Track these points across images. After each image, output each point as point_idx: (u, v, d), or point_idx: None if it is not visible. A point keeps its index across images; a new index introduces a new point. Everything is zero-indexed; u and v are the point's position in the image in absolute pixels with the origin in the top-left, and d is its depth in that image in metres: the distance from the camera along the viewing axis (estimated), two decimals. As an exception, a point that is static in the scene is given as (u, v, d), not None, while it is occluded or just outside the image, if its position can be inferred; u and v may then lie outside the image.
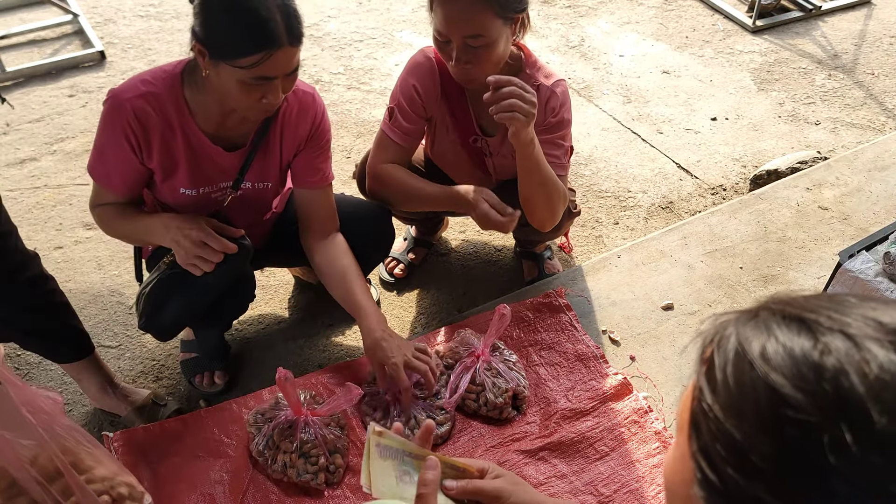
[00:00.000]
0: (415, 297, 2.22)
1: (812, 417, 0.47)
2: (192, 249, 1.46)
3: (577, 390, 1.81)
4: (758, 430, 0.49)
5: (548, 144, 1.74)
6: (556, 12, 3.77)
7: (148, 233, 1.58)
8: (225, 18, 1.36)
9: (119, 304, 2.16)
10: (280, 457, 1.57)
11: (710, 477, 0.52)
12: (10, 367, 1.96)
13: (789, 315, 0.53)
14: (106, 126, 1.53)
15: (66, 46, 3.33)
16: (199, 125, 1.55)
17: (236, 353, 2.01)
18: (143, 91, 1.50)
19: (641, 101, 3.14)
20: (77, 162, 2.68)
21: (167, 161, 1.56)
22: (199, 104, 1.53)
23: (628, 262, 2.20)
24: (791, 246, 2.27)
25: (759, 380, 0.50)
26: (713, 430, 0.52)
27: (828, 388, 0.47)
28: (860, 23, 3.74)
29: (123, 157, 1.54)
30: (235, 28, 1.35)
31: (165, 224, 1.52)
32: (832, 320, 0.51)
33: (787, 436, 0.48)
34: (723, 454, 0.51)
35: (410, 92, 1.78)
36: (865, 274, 1.68)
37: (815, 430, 0.46)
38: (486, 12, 1.54)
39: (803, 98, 3.18)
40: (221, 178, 1.63)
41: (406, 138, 1.81)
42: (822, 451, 0.46)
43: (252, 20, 1.34)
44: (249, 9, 1.34)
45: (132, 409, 1.78)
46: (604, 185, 2.68)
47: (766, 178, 2.63)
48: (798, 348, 0.50)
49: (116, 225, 1.62)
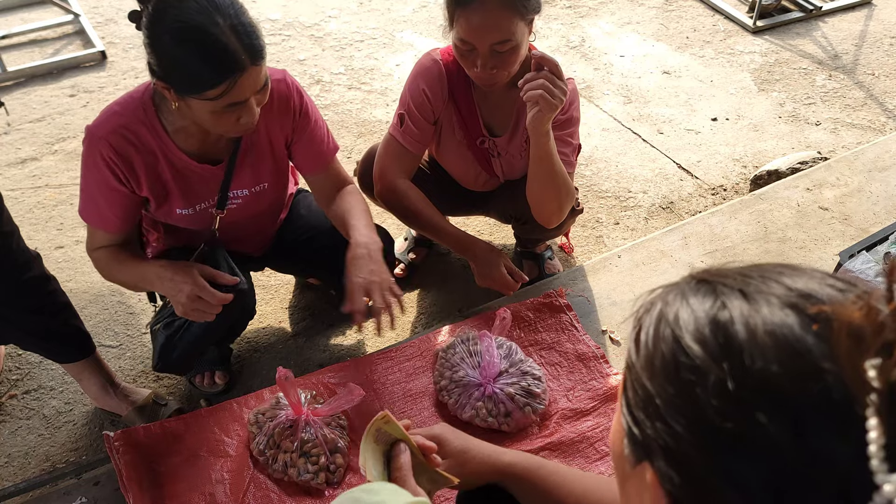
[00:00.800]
0: (415, 297, 2.22)
1: (703, 363, 0.52)
2: (188, 304, 1.47)
3: (578, 390, 1.81)
4: (663, 378, 0.55)
5: (557, 141, 1.74)
6: (556, 13, 3.77)
7: (143, 281, 1.58)
8: (180, 53, 1.30)
9: (120, 303, 2.16)
10: (281, 456, 1.57)
11: (632, 428, 0.57)
12: (11, 366, 1.97)
13: (702, 280, 0.59)
14: (89, 166, 1.51)
15: (67, 46, 3.33)
16: (180, 146, 1.52)
17: (237, 353, 2.01)
18: (115, 124, 1.46)
19: (642, 102, 3.15)
20: (78, 162, 2.67)
21: (157, 187, 1.55)
22: (175, 126, 1.50)
23: (629, 262, 2.20)
24: (791, 246, 2.27)
25: (668, 336, 0.56)
26: (634, 385, 0.58)
27: (719, 338, 0.53)
28: (861, 23, 3.74)
29: (113, 191, 1.51)
30: (192, 62, 1.30)
31: (158, 275, 1.52)
32: (736, 282, 0.56)
33: (682, 380, 0.53)
34: (640, 404, 0.57)
35: (420, 96, 1.78)
36: (866, 274, 1.68)
37: (703, 374, 0.52)
38: (513, 17, 1.54)
39: (804, 98, 3.18)
40: (216, 193, 1.62)
41: (417, 145, 1.82)
42: (708, 391, 0.51)
43: (208, 51, 1.28)
44: (203, 39, 1.28)
45: (133, 408, 1.79)
46: (604, 186, 2.68)
47: (766, 179, 2.63)
48: (701, 307, 0.56)
49: (114, 272, 1.61)
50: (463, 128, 1.85)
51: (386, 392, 1.79)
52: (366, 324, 1.58)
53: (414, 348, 1.89)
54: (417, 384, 1.81)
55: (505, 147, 1.87)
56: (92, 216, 1.56)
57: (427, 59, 1.80)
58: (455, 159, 1.94)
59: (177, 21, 1.29)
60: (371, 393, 1.78)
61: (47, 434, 1.82)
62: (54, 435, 1.82)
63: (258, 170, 1.66)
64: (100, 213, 1.55)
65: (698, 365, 0.52)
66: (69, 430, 1.83)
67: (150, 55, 1.35)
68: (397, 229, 2.41)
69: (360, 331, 1.84)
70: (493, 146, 1.87)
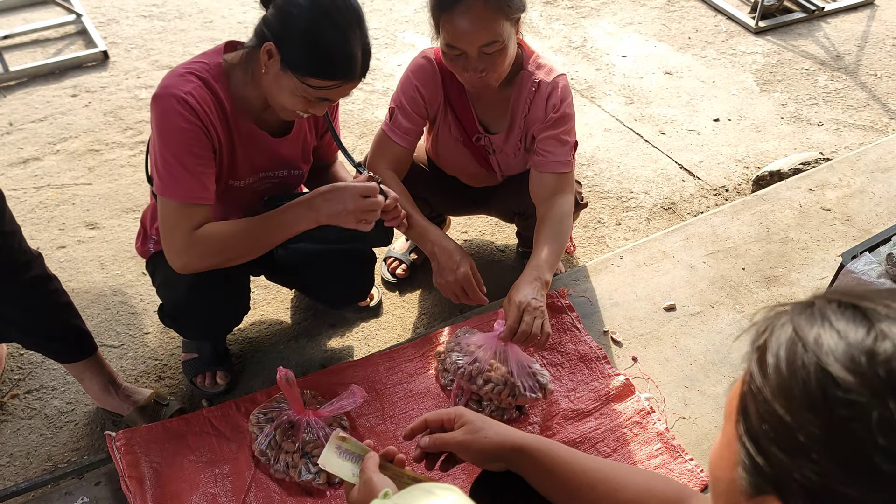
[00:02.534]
0: (417, 298, 2.22)
1: (862, 398, 0.48)
2: (359, 206, 1.48)
3: (579, 391, 1.80)
4: (806, 410, 0.50)
5: (553, 141, 1.74)
6: (558, 13, 3.77)
7: (283, 225, 1.51)
8: (314, 31, 1.36)
9: (122, 303, 2.16)
10: (282, 457, 1.57)
11: (755, 458, 0.53)
12: (13, 366, 1.97)
13: (845, 303, 0.54)
14: (172, 130, 1.40)
15: (69, 46, 3.34)
16: (244, 113, 1.54)
17: (238, 353, 2.01)
18: (197, 83, 1.43)
19: (644, 102, 3.14)
20: (80, 162, 2.68)
21: (223, 152, 1.53)
22: (241, 95, 1.51)
23: (630, 262, 2.19)
24: (793, 247, 2.27)
25: (810, 362, 0.51)
26: (761, 412, 0.53)
27: (880, 371, 0.48)
28: (863, 24, 3.73)
29: (205, 150, 1.44)
30: (319, 51, 1.37)
31: (306, 205, 1.50)
32: (889, 308, 0.52)
33: (835, 415, 0.48)
34: (770, 434, 0.52)
35: (412, 92, 1.79)
36: (868, 275, 1.68)
37: (864, 410, 0.47)
38: (498, 18, 1.55)
39: (806, 99, 3.18)
40: (265, 165, 1.63)
41: (406, 138, 1.82)
42: (870, 429, 0.47)
43: (339, 48, 1.37)
44: (341, 36, 1.37)
45: (134, 408, 1.78)
46: (606, 186, 2.68)
47: (768, 179, 2.62)
48: (852, 334, 0.51)
49: (240, 240, 1.49)
50: (458, 126, 1.86)
51: (387, 392, 1.79)
52: (365, 332, 1.59)
53: (415, 349, 1.90)
54: (419, 384, 1.81)
55: (501, 146, 1.87)
56: (186, 189, 1.41)
57: (421, 57, 1.81)
58: (453, 156, 1.94)
59: (329, 3, 1.36)
60: (372, 393, 1.78)
61: (49, 434, 1.82)
62: (56, 435, 1.82)
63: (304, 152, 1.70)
64: (197, 182, 1.42)
65: (855, 400, 0.48)
66: (71, 430, 1.83)
67: (273, 15, 1.38)
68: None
69: None
70: (490, 143, 1.87)
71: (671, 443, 1.70)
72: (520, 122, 1.81)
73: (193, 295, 1.62)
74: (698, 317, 2.04)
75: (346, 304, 2.08)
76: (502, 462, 1.06)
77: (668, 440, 1.70)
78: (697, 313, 2.05)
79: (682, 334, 1.98)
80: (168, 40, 3.41)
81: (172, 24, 3.52)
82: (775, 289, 2.12)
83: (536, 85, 1.74)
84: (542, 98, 1.74)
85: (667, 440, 1.70)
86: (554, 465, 1.03)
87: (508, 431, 1.07)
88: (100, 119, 2.90)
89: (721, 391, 1.84)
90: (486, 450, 1.05)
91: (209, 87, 1.46)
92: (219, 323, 1.79)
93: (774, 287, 2.13)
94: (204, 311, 1.68)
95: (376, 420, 1.74)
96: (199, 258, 1.47)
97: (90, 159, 2.71)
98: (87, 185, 2.58)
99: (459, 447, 1.06)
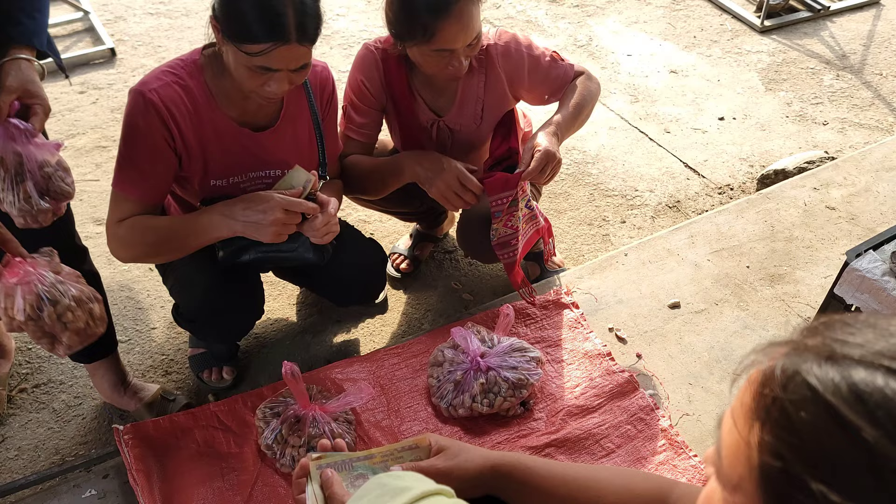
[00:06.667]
0: (421, 295, 2.23)
1: None
2: (278, 218, 1.43)
3: (584, 387, 1.81)
4: (873, 491, 0.46)
5: (545, 74, 1.81)
6: (563, 11, 3.78)
7: (197, 229, 1.49)
8: (243, 1, 1.36)
9: (129, 298, 2.17)
10: (288, 451, 1.58)
11: None
12: (21, 360, 1.98)
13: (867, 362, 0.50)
14: (133, 126, 1.47)
15: (76, 43, 3.35)
16: (223, 109, 1.54)
17: (245, 349, 2.03)
18: (164, 80, 1.48)
19: (649, 101, 3.15)
20: (87, 158, 2.70)
21: (198, 150, 1.54)
22: (220, 88, 1.53)
23: (635, 260, 2.20)
24: (798, 245, 2.27)
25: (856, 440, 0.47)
26: (793, 483, 0.49)
27: None
28: (868, 23, 3.73)
29: (157, 151, 1.48)
30: (249, 13, 1.36)
31: (224, 212, 1.46)
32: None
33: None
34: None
35: (359, 86, 1.81)
36: (872, 273, 1.68)
37: None
38: (474, 10, 1.60)
39: (811, 98, 3.18)
40: (252, 164, 1.62)
41: (363, 132, 1.84)
42: None
43: (265, 10, 1.35)
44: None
45: (142, 404, 1.80)
46: (611, 184, 2.69)
47: (773, 178, 2.63)
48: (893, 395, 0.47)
49: (147, 236, 1.50)
50: (410, 113, 1.85)
51: (392, 388, 1.80)
52: (371, 328, 1.59)
53: (421, 345, 1.90)
54: (424, 381, 1.82)
55: (457, 120, 1.87)
56: (126, 183, 1.49)
57: (363, 49, 1.81)
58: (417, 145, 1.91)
59: None
60: (377, 389, 1.79)
61: (57, 427, 1.83)
62: (64, 428, 1.83)
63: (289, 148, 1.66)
64: (139, 176, 1.48)
65: None
66: (78, 424, 1.84)
67: None
68: (404, 227, 2.42)
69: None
70: (445, 127, 1.88)
71: (675, 439, 1.70)
72: (476, 91, 1.82)
73: (209, 298, 1.63)
74: (703, 314, 2.04)
75: (357, 303, 2.08)
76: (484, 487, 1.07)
77: (672, 437, 1.71)
78: (702, 311, 2.05)
79: (686, 332, 1.99)
80: (175, 38, 3.42)
81: (179, 22, 3.54)
82: (780, 287, 2.13)
83: (485, 51, 1.77)
84: (499, 60, 1.79)
85: (671, 437, 1.71)
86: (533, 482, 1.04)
87: (485, 452, 1.10)
88: (107, 116, 2.92)
89: (725, 388, 1.84)
90: (469, 474, 1.07)
91: (182, 84, 1.49)
92: (236, 326, 1.79)
93: (779, 285, 2.14)
94: (221, 314, 1.67)
95: (381, 415, 1.74)
96: (117, 248, 1.53)
97: (97, 156, 2.72)
98: (95, 182, 2.60)
99: (440, 474, 1.05)
